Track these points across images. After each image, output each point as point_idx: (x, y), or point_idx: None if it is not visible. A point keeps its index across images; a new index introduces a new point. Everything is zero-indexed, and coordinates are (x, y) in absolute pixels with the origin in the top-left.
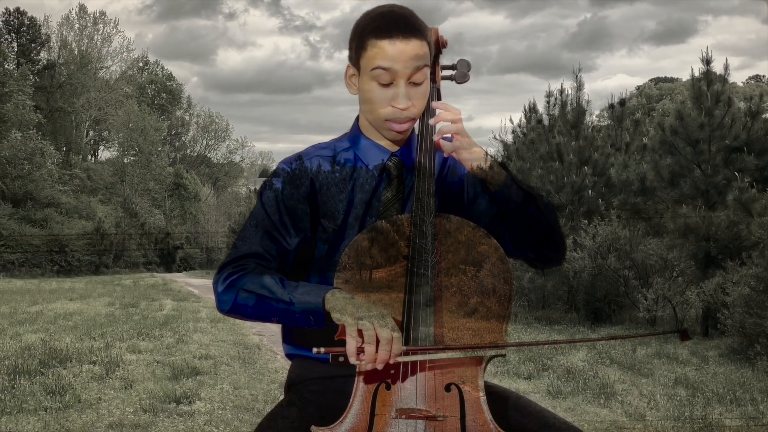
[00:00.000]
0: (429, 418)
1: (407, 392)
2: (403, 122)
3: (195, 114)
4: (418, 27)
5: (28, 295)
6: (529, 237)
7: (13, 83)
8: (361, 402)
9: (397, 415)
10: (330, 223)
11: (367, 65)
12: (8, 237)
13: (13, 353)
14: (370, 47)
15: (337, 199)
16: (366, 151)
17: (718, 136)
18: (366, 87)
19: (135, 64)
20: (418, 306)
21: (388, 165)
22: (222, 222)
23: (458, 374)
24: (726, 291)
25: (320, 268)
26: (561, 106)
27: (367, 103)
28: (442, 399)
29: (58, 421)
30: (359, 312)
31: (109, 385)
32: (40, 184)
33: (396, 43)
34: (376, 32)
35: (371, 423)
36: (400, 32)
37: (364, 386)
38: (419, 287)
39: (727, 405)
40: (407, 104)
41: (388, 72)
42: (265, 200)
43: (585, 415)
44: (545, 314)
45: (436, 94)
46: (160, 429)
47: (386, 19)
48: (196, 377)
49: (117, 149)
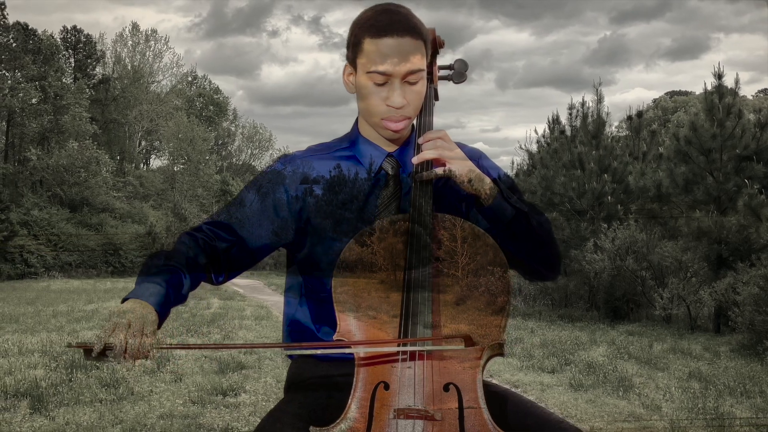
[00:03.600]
0: (427, 417)
1: (406, 392)
2: (399, 120)
3: (240, 125)
4: (414, 25)
5: (85, 294)
6: (519, 253)
7: (70, 96)
8: (360, 402)
9: (396, 415)
10: (325, 222)
11: (362, 64)
12: (66, 240)
13: (70, 349)
14: (366, 46)
15: (333, 198)
16: (364, 151)
17: (729, 145)
18: (362, 86)
19: (184, 78)
20: (416, 304)
21: (385, 165)
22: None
23: (457, 374)
24: (737, 290)
25: (316, 267)
26: (582, 117)
27: (363, 101)
28: (440, 399)
29: (112, 412)
30: (115, 317)
31: (160, 379)
32: (95, 191)
33: (390, 42)
34: (371, 31)
35: (370, 423)
36: (394, 31)
37: (363, 386)
38: (417, 286)
39: (737, 397)
40: (402, 103)
41: (382, 70)
42: (249, 189)
43: (605, 407)
44: (567, 312)
45: (434, 94)
46: (208, 419)
47: (381, 18)
48: (242, 371)
49: (167, 158)
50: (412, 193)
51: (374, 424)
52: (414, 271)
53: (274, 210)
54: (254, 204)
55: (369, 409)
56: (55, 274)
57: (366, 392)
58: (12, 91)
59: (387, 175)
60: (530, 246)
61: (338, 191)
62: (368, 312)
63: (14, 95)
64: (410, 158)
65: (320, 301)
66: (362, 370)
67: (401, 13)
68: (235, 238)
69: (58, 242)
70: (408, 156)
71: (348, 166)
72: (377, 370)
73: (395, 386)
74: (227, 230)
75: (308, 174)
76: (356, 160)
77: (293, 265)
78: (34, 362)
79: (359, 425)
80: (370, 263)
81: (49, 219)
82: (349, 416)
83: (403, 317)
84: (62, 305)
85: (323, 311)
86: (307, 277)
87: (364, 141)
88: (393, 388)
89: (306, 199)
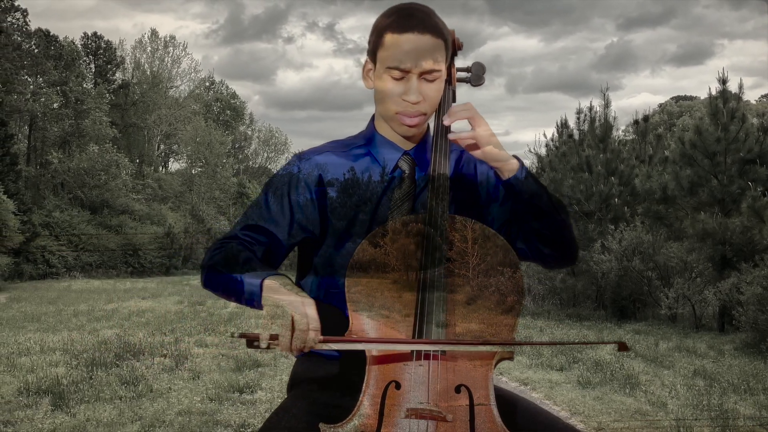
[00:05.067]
0: (438, 418)
1: (417, 392)
2: (414, 116)
3: (257, 129)
4: (435, 24)
5: (105, 294)
6: (543, 230)
7: (90, 101)
8: (371, 400)
9: (407, 415)
10: (340, 220)
11: (382, 59)
12: (86, 241)
13: (91, 347)
14: (387, 41)
15: (348, 195)
16: (380, 148)
17: (733, 149)
18: (380, 80)
19: (202, 83)
20: (430, 303)
21: (401, 164)
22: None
23: (468, 375)
24: (740, 290)
25: (330, 265)
26: (590, 122)
27: (380, 95)
28: (451, 400)
29: (132, 408)
30: (280, 299)
31: (178, 376)
32: (115, 193)
33: (410, 38)
34: (392, 27)
35: (380, 421)
36: (415, 28)
37: (374, 384)
38: (431, 286)
39: (741, 394)
40: (418, 98)
41: (401, 65)
42: (269, 189)
43: (612, 404)
44: (576, 311)
45: (452, 95)
46: (225, 416)
47: (403, 15)
48: (258, 369)
49: (185, 161)
50: (429, 192)
51: (384, 422)
52: (427, 271)
53: (298, 208)
54: (276, 204)
55: (380, 407)
56: (76, 275)
57: (377, 390)
58: (34, 96)
59: (402, 173)
60: (553, 223)
61: (354, 189)
62: (381, 311)
63: (36, 100)
64: (427, 157)
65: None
66: (374, 368)
67: (424, 11)
68: (268, 240)
69: (78, 243)
70: (424, 155)
71: (364, 164)
72: (389, 368)
73: (407, 385)
74: (262, 233)
75: (324, 172)
76: (372, 157)
77: (305, 264)
78: (56, 360)
79: (370, 423)
80: (383, 263)
81: (70, 221)
82: (360, 414)
83: (417, 315)
84: (83, 305)
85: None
86: (319, 273)
87: (380, 139)
88: (404, 387)
89: (322, 197)
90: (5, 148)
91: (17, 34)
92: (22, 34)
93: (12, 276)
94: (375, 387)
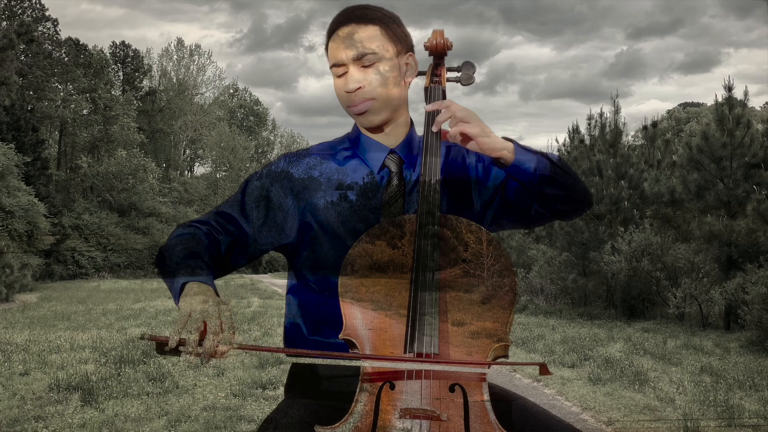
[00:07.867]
0: (433, 418)
1: (412, 392)
2: (359, 103)
3: (279, 134)
4: (362, 14)
5: (132, 293)
6: (557, 192)
7: (119, 108)
8: (366, 401)
9: (402, 415)
10: (328, 222)
11: (330, 66)
12: (115, 243)
13: (119, 345)
14: (328, 49)
15: (335, 196)
16: (365, 148)
17: (739, 154)
18: (334, 83)
19: (226, 90)
20: (423, 304)
21: (388, 162)
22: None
23: (463, 375)
24: (746, 290)
25: (321, 266)
26: (600, 127)
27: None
28: (446, 399)
29: (158, 404)
30: (194, 304)
31: (203, 373)
32: (142, 196)
33: (339, 34)
34: (329, 32)
35: (375, 422)
36: (341, 24)
37: (369, 385)
38: (424, 286)
39: (746, 390)
40: (354, 86)
41: (336, 61)
42: (249, 183)
43: (621, 399)
44: (586, 310)
45: (442, 95)
46: (248, 411)
47: (336, 18)
48: (280, 366)
49: (210, 165)
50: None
51: (379, 422)
52: (421, 271)
53: (274, 208)
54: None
55: (375, 407)
56: (105, 275)
57: (372, 391)
58: (64, 103)
59: (390, 172)
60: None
61: (339, 188)
62: (374, 311)
63: (66, 106)
64: (414, 154)
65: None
66: (369, 369)
67: (354, 8)
68: (236, 231)
69: (107, 245)
70: (410, 152)
71: (350, 164)
72: (384, 369)
73: (401, 386)
74: (231, 223)
75: (311, 173)
76: (359, 158)
77: (295, 266)
78: (85, 357)
79: (365, 424)
80: (377, 263)
81: (99, 223)
82: (354, 415)
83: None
84: (111, 304)
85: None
86: (311, 277)
87: (365, 139)
88: (399, 387)
89: (309, 198)
90: (36, 153)
91: (48, 43)
92: (53, 43)
93: (43, 276)
94: (370, 388)
